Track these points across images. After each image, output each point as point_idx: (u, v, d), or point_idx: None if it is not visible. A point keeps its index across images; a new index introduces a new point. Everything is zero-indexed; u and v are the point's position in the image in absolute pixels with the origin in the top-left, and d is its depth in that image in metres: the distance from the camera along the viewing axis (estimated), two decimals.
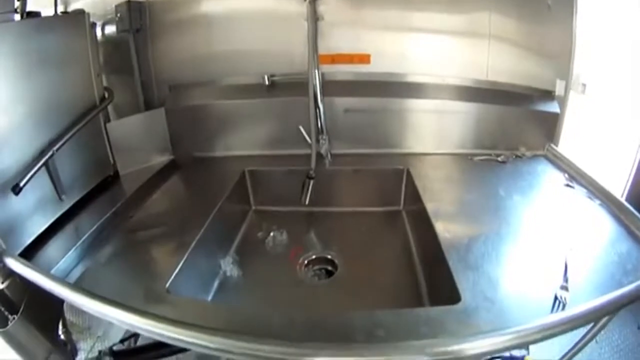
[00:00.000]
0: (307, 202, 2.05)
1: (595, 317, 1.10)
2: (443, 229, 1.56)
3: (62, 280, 1.33)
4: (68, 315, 2.63)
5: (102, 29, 2.27)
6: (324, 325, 1.20)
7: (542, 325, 1.01)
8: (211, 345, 1.02)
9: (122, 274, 1.49)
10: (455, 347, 0.99)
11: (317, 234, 2.08)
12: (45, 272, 1.32)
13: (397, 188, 2.14)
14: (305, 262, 1.88)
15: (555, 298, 1.22)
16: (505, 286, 1.29)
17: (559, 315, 1.13)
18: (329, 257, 1.89)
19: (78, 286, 1.28)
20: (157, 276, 1.42)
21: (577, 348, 1.40)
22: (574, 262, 1.33)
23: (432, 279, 1.63)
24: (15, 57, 1.52)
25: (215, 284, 1.73)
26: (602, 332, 2.21)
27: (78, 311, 2.65)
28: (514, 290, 1.28)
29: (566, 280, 1.27)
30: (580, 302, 1.07)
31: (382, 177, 2.15)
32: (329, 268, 1.87)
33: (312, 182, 2.06)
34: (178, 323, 1.08)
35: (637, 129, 2.03)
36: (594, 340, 2.17)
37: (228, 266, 1.75)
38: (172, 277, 1.41)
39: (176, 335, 1.05)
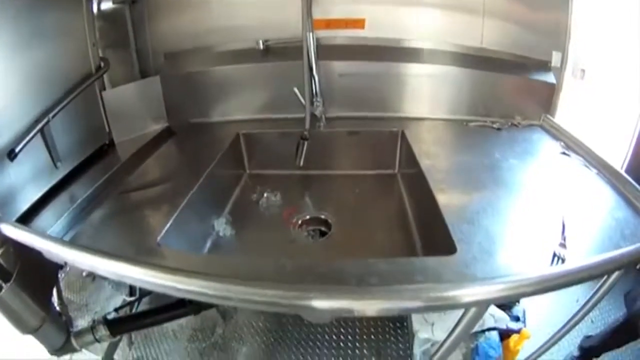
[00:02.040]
0: (301, 164, 1.99)
1: (595, 274, 1.03)
2: (438, 186, 1.51)
3: (54, 238, 1.30)
4: (66, 292, 2.59)
5: (99, 4, 2.18)
6: (315, 273, 1.15)
7: (542, 276, 0.96)
8: (210, 292, 0.96)
9: (114, 233, 1.44)
10: (451, 293, 0.93)
11: (311, 196, 2.03)
12: (38, 232, 1.31)
13: (392, 151, 2.08)
14: (299, 222, 1.83)
15: (554, 255, 1.17)
16: (503, 240, 1.25)
17: (559, 268, 1.09)
18: (323, 217, 1.85)
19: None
20: (148, 232, 1.39)
21: (579, 316, 1.34)
22: (572, 223, 1.27)
23: (428, 238, 1.59)
24: (11, 28, 1.48)
25: (208, 243, 1.68)
26: (598, 312, 2.20)
27: (76, 289, 2.63)
28: (511, 245, 1.24)
29: (564, 238, 1.22)
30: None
31: (377, 139, 2.09)
32: (323, 229, 1.82)
33: (306, 143, 1.99)
34: (174, 270, 1.02)
35: (636, 106, 1.98)
36: (590, 321, 2.16)
37: (221, 226, 1.71)
38: (163, 232, 1.37)
39: (173, 284, 1.00)
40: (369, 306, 0.95)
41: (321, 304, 0.92)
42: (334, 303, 0.93)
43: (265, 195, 1.94)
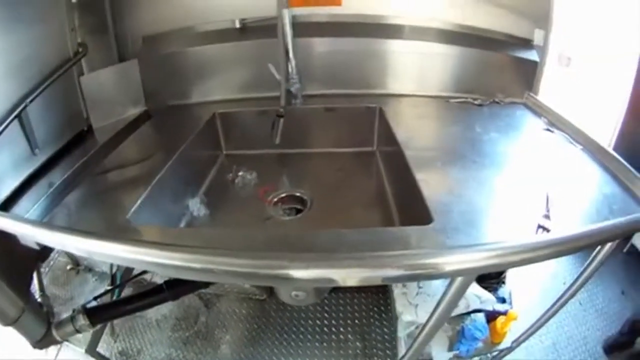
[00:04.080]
0: (277, 142, 1.92)
1: (586, 244, 0.98)
2: (415, 159, 1.46)
3: (25, 219, 1.27)
4: (51, 287, 2.52)
5: None
6: (286, 243, 1.10)
7: (532, 244, 0.91)
8: (195, 265, 0.90)
9: (86, 214, 1.38)
10: (434, 260, 0.87)
11: (288, 174, 1.97)
12: (9, 214, 1.29)
13: (370, 127, 2.03)
14: (275, 199, 1.79)
15: (539, 226, 1.12)
16: (486, 212, 1.20)
17: (549, 236, 1.03)
18: (299, 194, 1.80)
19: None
20: (119, 210, 1.34)
21: (567, 296, 1.32)
22: (558, 197, 1.23)
23: (405, 213, 1.53)
24: None
25: (183, 223, 1.62)
26: (586, 294, 2.17)
27: (60, 283, 2.55)
28: (494, 216, 1.19)
29: (548, 210, 1.17)
30: None
31: (354, 115, 2.03)
32: (299, 207, 1.77)
33: (282, 120, 1.92)
34: (138, 242, 0.97)
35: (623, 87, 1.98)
36: (578, 302, 2.12)
37: (195, 206, 1.66)
38: (133, 209, 1.33)
39: (138, 257, 0.94)
40: (350, 274, 0.88)
41: (300, 273, 0.86)
42: (313, 272, 0.86)
43: (240, 174, 1.89)
